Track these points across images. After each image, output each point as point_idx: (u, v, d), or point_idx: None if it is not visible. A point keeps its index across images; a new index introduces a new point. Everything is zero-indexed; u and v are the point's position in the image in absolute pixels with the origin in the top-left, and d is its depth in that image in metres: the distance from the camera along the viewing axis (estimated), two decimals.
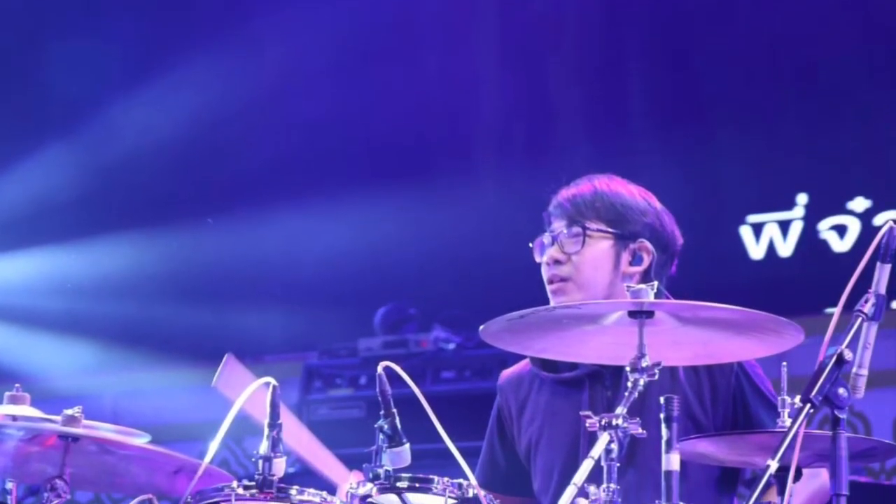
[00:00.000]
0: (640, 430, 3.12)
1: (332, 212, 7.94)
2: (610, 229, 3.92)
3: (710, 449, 3.44)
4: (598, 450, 3.08)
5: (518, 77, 8.09)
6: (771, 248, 7.53)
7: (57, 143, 8.24)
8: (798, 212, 7.51)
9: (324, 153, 8.13)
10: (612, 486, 3.08)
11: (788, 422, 3.18)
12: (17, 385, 3.51)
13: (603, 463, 3.09)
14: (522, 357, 4.06)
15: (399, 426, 3.17)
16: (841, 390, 3.01)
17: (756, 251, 7.55)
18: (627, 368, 3.21)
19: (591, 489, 3.08)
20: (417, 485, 3.10)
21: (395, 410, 3.18)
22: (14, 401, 3.46)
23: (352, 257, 7.93)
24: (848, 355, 3.03)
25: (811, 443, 3.16)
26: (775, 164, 7.55)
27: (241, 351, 4.06)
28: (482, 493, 3.11)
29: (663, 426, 3.12)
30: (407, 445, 3.17)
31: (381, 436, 3.16)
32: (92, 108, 8.22)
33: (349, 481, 3.44)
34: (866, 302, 3.07)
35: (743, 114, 7.63)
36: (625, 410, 3.12)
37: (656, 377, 3.20)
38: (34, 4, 8.55)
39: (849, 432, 3.05)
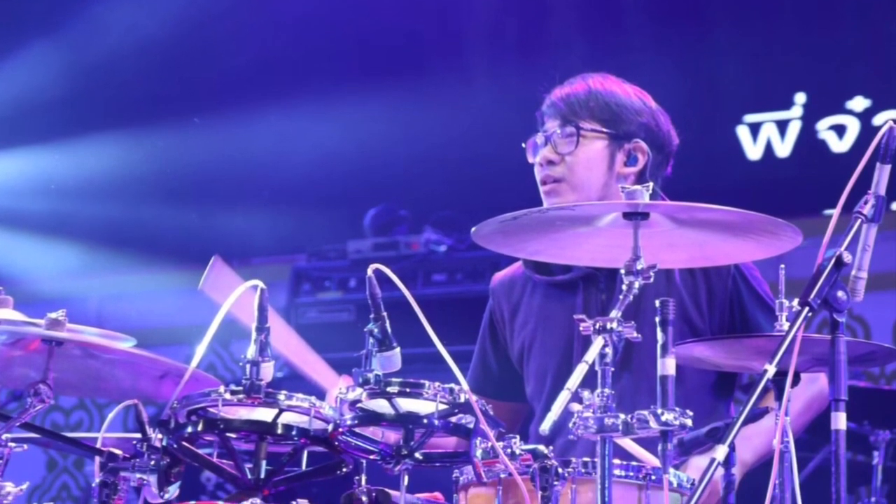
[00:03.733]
0: (634, 334, 3.08)
1: (322, 111, 7.85)
2: (604, 129, 3.89)
3: (706, 353, 3.41)
4: (592, 354, 3.04)
5: None
6: (769, 148, 7.47)
7: (41, 40, 8.12)
8: (796, 111, 7.44)
9: (313, 51, 8.02)
10: (607, 390, 3.04)
11: (786, 325, 3.15)
12: None
13: (597, 367, 3.05)
14: (515, 259, 4.02)
15: (389, 330, 3.13)
16: (840, 293, 2.98)
17: (753, 151, 7.49)
18: (622, 271, 3.16)
19: (585, 394, 3.04)
20: (408, 389, 3.07)
21: (385, 314, 3.14)
22: None
23: (341, 157, 7.86)
24: (847, 258, 2.99)
25: (810, 347, 3.13)
26: (773, 62, 7.47)
27: (229, 253, 4.02)
28: (474, 398, 3.07)
29: (658, 330, 3.07)
30: (397, 349, 3.13)
31: (370, 340, 3.12)
32: (76, 5, 8.09)
33: (338, 386, 3.43)
34: (866, 203, 3.03)
35: (740, 10, 7.53)
36: (619, 314, 3.08)
37: (651, 280, 3.16)
38: None
39: (848, 336, 3.02)
